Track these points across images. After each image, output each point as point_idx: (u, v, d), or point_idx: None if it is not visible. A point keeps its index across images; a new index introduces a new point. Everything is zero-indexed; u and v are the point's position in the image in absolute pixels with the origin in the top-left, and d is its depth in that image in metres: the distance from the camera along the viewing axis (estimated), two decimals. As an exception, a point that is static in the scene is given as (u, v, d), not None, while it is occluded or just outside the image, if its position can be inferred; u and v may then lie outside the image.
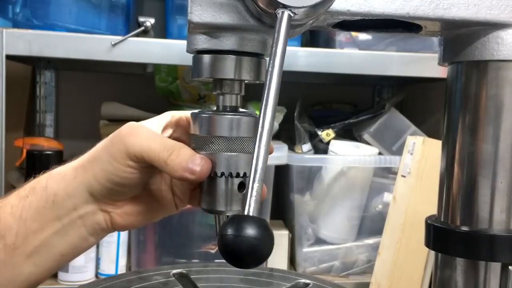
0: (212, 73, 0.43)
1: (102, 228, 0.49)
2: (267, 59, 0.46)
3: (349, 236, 1.21)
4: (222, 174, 0.44)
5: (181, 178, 0.44)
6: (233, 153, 0.44)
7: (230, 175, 0.44)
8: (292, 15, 0.37)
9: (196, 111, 0.46)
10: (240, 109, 0.46)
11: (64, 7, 1.04)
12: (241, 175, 0.44)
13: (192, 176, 0.43)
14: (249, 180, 0.34)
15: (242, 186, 0.45)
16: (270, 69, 0.36)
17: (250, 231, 0.32)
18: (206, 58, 0.43)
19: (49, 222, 0.47)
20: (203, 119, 0.45)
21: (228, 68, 0.43)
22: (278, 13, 0.37)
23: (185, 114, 0.51)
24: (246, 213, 0.33)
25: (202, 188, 0.46)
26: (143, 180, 0.48)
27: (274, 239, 0.33)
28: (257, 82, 0.45)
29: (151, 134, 0.47)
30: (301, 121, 1.22)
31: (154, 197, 0.51)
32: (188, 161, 0.44)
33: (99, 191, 0.47)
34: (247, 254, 0.32)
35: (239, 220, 0.33)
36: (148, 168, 0.46)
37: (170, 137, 0.50)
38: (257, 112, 1.30)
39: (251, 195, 0.34)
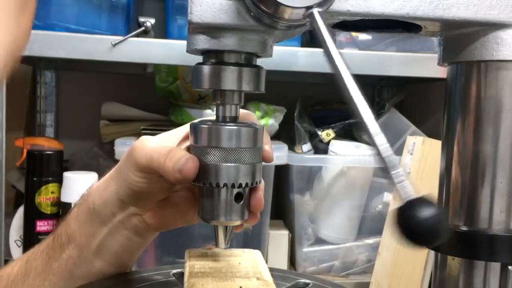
0: (212, 84, 0.43)
1: (142, 228, 0.53)
2: (267, 59, 0.47)
3: (349, 236, 1.21)
4: (218, 184, 0.44)
5: (174, 180, 0.45)
6: (231, 164, 0.44)
7: (228, 185, 0.44)
8: (321, 10, 0.36)
9: (196, 121, 0.47)
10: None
11: (64, 7, 1.04)
12: (238, 185, 0.44)
13: (180, 175, 0.44)
14: (386, 167, 0.35)
15: (240, 197, 0.46)
16: (335, 70, 0.35)
17: (429, 210, 0.33)
18: (206, 69, 0.43)
19: (98, 227, 0.53)
20: (202, 130, 0.45)
21: (228, 79, 0.43)
22: (310, 13, 0.36)
23: None
24: (407, 196, 0.34)
25: (200, 198, 0.47)
26: (164, 186, 0.50)
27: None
28: (257, 92, 0.45)
29: (154, 144, 0.49)
30: (301, 121, 1.22)
31: (180, 202, 0.53)
32: (177, 162, 0.44)
33: (126, 198, 0.51)
34: (434, 232, 0.33)
35: (416, 203, 0.34)
36: (160, 176, 0.47)
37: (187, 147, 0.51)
38: (257, 112, 1.29)
39: (398, 181, 0.34)
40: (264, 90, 0.46)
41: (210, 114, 1.14)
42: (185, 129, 0.52)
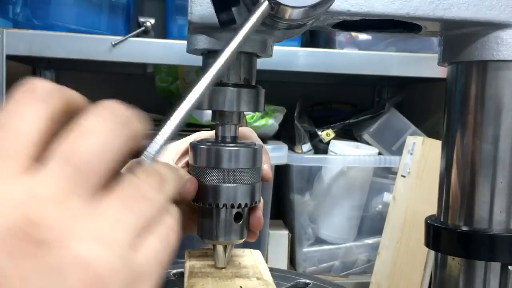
0: (211, 105, 0.43)
1: None
2: (267, 59, 0.47)
3: (349, 236, 1.21)
4: (217, 205, 0.44)
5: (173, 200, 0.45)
6: (231, 185, 0.44)
7: (227, 206, 0.44)
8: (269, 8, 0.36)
9: (196, 141, 0.47)
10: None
11: (64, 7, 1.04)
12: (237, 206, 0.44)
13: (178, 196, 0.44)
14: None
15: (239, 217, 0.46)
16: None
17: None
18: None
19: None
20: (201, 150, 0.45)
21: (227, 100, 0.43)
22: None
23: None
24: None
25: (200, 218, 0.47)
26: None
27: None
28: (256, 112, 0.45)
29: None
30: (301, 121, 1.22)
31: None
32: None
33: None
34: None
35: None
36: None
37: (186, 162, 0.50)
38: (257, 113, 1.28)
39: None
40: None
41: (210, 114, 1.14)
42: (184, 143, 0.52)
